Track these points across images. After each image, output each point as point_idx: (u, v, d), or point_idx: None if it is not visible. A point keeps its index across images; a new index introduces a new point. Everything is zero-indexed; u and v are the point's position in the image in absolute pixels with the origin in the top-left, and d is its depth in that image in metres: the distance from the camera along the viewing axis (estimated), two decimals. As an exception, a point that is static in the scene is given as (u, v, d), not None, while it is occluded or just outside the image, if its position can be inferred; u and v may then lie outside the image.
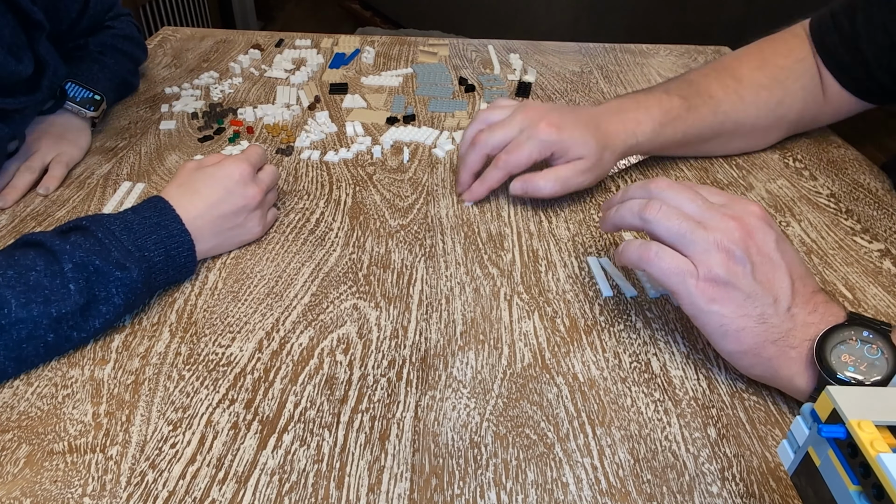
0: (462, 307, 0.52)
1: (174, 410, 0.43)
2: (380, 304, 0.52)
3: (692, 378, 0.46)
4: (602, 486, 0.39)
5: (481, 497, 0.38)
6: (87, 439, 0.41)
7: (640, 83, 0.95)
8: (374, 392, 0.45)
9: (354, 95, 0.87)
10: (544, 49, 1.07)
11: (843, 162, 0.74)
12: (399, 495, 0.38)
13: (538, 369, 0.47)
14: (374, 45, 1.07)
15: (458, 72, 0.97)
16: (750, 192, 0.68)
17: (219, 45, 1.04)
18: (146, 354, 0.47)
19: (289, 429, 0.42)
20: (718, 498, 0.38)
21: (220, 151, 0.74)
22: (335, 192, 0.67)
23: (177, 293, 0.53)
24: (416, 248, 0.59)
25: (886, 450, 0.23)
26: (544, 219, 0.63)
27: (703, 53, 1.07)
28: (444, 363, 0.47)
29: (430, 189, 0.68)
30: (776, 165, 0.73)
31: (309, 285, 0.54)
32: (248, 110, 0.82)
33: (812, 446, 0.27)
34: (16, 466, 0.39)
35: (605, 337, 0.50)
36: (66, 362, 0.46)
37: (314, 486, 0.39)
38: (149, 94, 0.87)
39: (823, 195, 0.68)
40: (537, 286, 0.54)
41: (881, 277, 0.56)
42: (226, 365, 0.46)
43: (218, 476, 0.39)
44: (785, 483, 0.40)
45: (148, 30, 2.17)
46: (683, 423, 0.43)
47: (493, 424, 0.42)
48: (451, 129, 0.80)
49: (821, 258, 0.59)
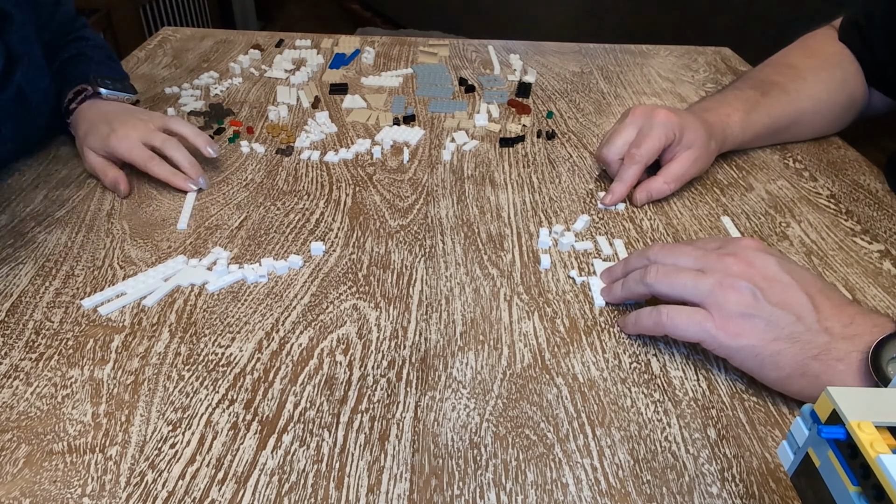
0: (462, 308, 0.52)
1: (174, 411, 0.43)
2: (380, 305, 0.52)
3: (692, 379, 0.46)
4: (602, 487, 0.39)
5: (481, 498, 0.38)
6: (86, 439, 0.41)
7: (640, 83, 0.95)
8: (374, 392, 0.45)
9: (354, 96, 0.87)
10: (544, 49, 1.07)
11: (843, 163, 0.74)
12: (399, 496, 0.38)
13: (538, 370, 0.47)
14: (374, 45, 1.07)
15: (458, 72, 0.97)
16: (750, 193, 0.68)
17: (219, 45, 1.04)
18: (146, 354, 0.47)
19: (288, 429, 0.42)
20: (718, 499, 0.38)
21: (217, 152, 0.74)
22: (335, 193, 0.66)
23: (176, 293, 0.53)
24: (415, 249, 0.59)
25: (886, 451, 0.23)
26: (544, 219, 0.63)
27: (703, 54, 1.07)
28: (444, 364, 0.47)
29: (430, 189, 0.68)
30: (776, 166, 0.73)
31: (309, 285, 0.54)
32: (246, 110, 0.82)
33: (812, 447, 0.27)
34: (15, 466, 0.39)
35: (605, 337, 0.50)
36: (65, 362, 0.46)
37: (314, 486, 0.38)
38: (149, 94, 0.87)
39: (823, 196, 0.68)
40: (537, 287, 0.54)
41: (881, 278, 0.56)
42: (225, 365, 0.46)
43: (217, 476, 0.39)
44: (785, 484, 0.39)
45: (148, 30, 2.17)
46: (683, 423, 0.43)
47: (492, 425, 0.42)
48: (452, 129, 0.80)
49: (821, 259, 0.59)
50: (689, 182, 0.69)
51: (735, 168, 0.73)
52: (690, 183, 0.69)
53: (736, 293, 0.42)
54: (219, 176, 0.69)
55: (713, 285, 0.43)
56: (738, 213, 0.65)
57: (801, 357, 0.41)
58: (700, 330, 0.43)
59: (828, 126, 0.76)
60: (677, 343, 0.49)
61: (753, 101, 0.70)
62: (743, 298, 0.42)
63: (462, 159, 0.73)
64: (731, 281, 0.42)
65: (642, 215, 0.64)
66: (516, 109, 0.85)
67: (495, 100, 0.87)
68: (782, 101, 0.71)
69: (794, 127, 0.73)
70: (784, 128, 0.73)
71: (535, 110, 0.86)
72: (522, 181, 0.69)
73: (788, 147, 0.77)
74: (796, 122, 0.73)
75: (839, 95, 0.73)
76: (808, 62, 0.73)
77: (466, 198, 0.66)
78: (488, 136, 0.79)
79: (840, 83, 0.72)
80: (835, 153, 0.76)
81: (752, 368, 0.43)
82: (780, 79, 0.72)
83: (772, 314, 0.41)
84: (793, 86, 0.71)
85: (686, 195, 0.67)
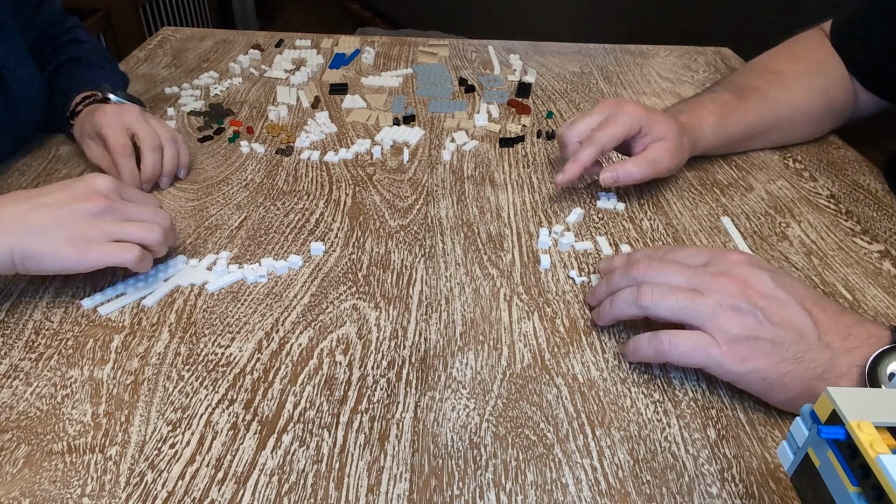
0: (462, 308, 0.52)
1: (173, 411, 0.43)
2: (379, 305, 0.52)
3: (692, 379, 0.46)
4: (601, 487, 0.39)
5: (480, 498, 0.38)
6: (86, 439, 0.41)
7: (640, 84, 0.95)
8: (374, 392, 0.45)
9: (354, 96, 0.87)
10: (544, 49, 1.07)
11: (842, 163, 0.74)
12: (398, 496, 0.38)
13: (538, 370, 0.47)
14: (374, 45, 1.06)
15: (458, 72, 0.97)
16: (750, 193, 0.68)
17: (219, 45, 1.04)
18: (145, 355, 0.47)
19: (288, 429, 0.42)
20: (718, 499, 0.38)
21: (217, 152, 0.74)
22: (335, 193, 0.66)
23: (176, 293, 0.53)
24: (415, 249, 0.59)
25: (886, 451, 0.23)
26: (544, 220, 0.63)
27: (703, 54, 1.07)
28: (444, 364, 0.47)
29: (429, 189, 0.68)
30: (776, 166, 0.73)
31: (308, 285, 0.54)
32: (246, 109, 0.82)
33: (812, 447, 0.27)
34: (15, 466, 0.39)
35: (605, 338, 0.50)
36: (65, 362, 0.46)
37: (313, 486, 0.38)
38: (149, 94, 0.87)
39: (823, 196, 0.68)
40: (537, 287, 0.54)
41: (881, 279, 0.56)
42: (225, 365, 0.46)
43: (217, 476, 0.39)
44: (784, 484, 0.39)
45: (148, 30, 2.17)
46: (683, 423, 0.43)
47: (492, 425, 0.42)
48: (452, 129, 0.80)
49: (820, 259, 0.59)
50: (689, 182, 0.69)
51: (735, 168, 0.73)
52: (690, 183, 0.69)
53: (738, 316, 0.41)
54: (219, 176, 0.69)
55: (714, 307, 0.41)
56: (737, 213, 0.65)
57: (806, 377, 0.40)
58: (705, 357, 0.41)
59: (803, 133, 0.76)
60: (677, 343, 0.49)
61: (729, 106, 0.69)
62: (745, 321, 0.41)
63: (462, 159, 0.73)
64: (731, 302, 0.41)
65: (642, 215, 0.64)
66: (516, 109, 0.85)
67: (495, 100, 0.87)
68: (760, 107, 0.70)
69: (770, 133, 0.73)
70: (759, 133, 0.72)
71: (534, 110, 0.86)
72: (522, 181, 0.69)
73: (788, 147, 0.77)
74: (772, 128, 0.72)
75: (818, 103, 0.72)
76: (791, 67, 0.73)
77: (466, 198, 0.66)
78: (488, 136, 0.79)
79: (821, 91, 0.72)
80: (835, 153, 0.76)
81: (760, 391, 0.42)
82: (761, 84, 0.71)
83: (775, 335, 0.40)
84: (773, 93, 0.71)
85: (686, 195, 0.67)
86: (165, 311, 0.51)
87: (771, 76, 0.72)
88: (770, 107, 0.70)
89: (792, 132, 0.74)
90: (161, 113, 0.82)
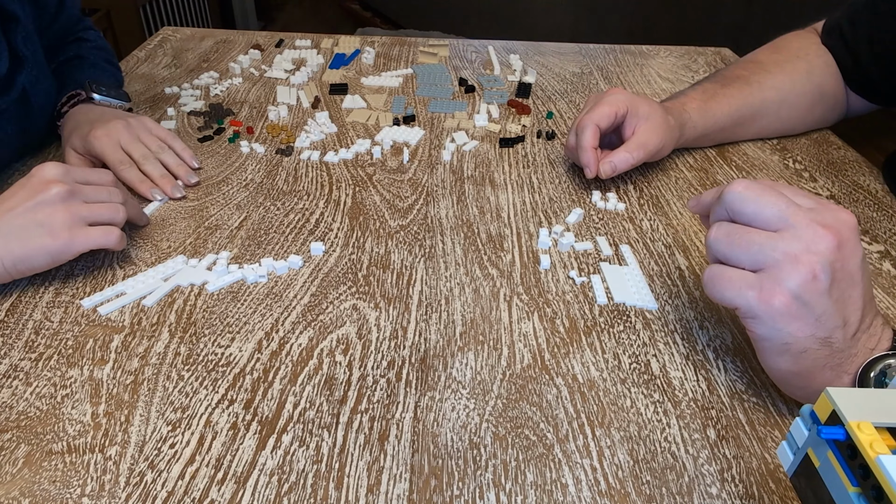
0: (461, 308, 0.52)
1: (173, 411, 0.43)
2: (379, 305, 0.52)
3: (692, 379, 0.46)
4: (601, 488, 0.39)
5: (480, 498, 0.38)
6: (85, 439, 0.41)
7: (640, 84, 0.95)
8: (374, 393, 0.45)
9: (354, 96, 0.87)
10: (544, 50, 1.07)
11: (842, 163, 0.74)
12: (398, 496, 0.38)
13: (538, 370, 0.47)
14: (374, 45, 1.07)
15: (458, 72, 0.97)
16: (750, 194, 0.68)
17: (219, 45, 1.04)
18: (145, 354, 0.47)
19: (288, 429, 0.42)
20: (718, 499, 0.38)
21: (217, 152, 0.74)
22: (335, 193, 0.66)
23: (176, 293, 0.53)
24: (415, 249, 0.59)
25: (886, 451, 0.23)
26: (544, 220, 0.63)
27: (703, 55, 1.07)
28: (444, 364, 0.47)
29: (429, 190, 0.68)
30: (776, 166, 0.73)
31: (308, 286, 0.54)
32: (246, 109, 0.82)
33: (811, 448, 0.27)
34: (14, 466, 0.39)
35: (605, 338, 0.50)
36: (65, 362, 0.46)
37: (313, 486, 0.38)
38: (149, 94, 0.87)
39: (823, 196, 0.68)
40: (537, 287, 0.54)
41: (881, 279, 0.56)
42: (225, 365, 0.46)
43: (217, 476, 0.39)
44: (784, 484, 0.40)
45: (148, 30, 2.17)
46: (683, 424, 0.43)
47: (492, 425, 0.42)
48: (452, 129, 0.80)
49: (820, 259, 0.59)
50: (689, 182, 0.69)
51: (735, 168, 0.73)
52: (690, 183, 0.69)
53: (807, 271, 0.36)
54: (219, 176, 0.69)
55: (785, 254, 0.37)
56: (737, 213, 0.65)
57: (821, 363, 0.38)
58: (737, 295, 0.38)
59: (799, 119, 0.76)
60: (677, 343, 0.49)
61: (712, 92, 0.72)
62: (807, 281, 0.36)
63: (462, 159, 0.73)
64: (810, 258, 0.36)
65: (642, 216, 0.64)
66: (516, 110, 0.85)
67: (495, 100, 0.87)
68: (744, 91, 0.72)
69: (760, 118, 0.74)
70: (749, 118, 0.73)
71: (534, 111, 0.86)
72: (522, 181, 0.69)
73: (788, 147, 0.77)
74: (761, 112, 0.74)
75: (805, 86, 0.73)
76: (772, 57, 0.75)
77: (466, 198, 0.66)
78: (488, 136, 0.79)
79: (804, 74, 0.73)
80: (834, 153, 0.76)
81: (766, 349, 0.39)
82: (743, 72, 0.74)
83: (825, 311, 0.37)
84: (755, 77, 0.72)
85: (686, 195, 0.68)
86: (165, 311, 0.51)
87: (753, 66, 0.74)
88: (753, 91, 0.72)
89: (781, 116, 0.75)
90: (161, 113, 0.82)
